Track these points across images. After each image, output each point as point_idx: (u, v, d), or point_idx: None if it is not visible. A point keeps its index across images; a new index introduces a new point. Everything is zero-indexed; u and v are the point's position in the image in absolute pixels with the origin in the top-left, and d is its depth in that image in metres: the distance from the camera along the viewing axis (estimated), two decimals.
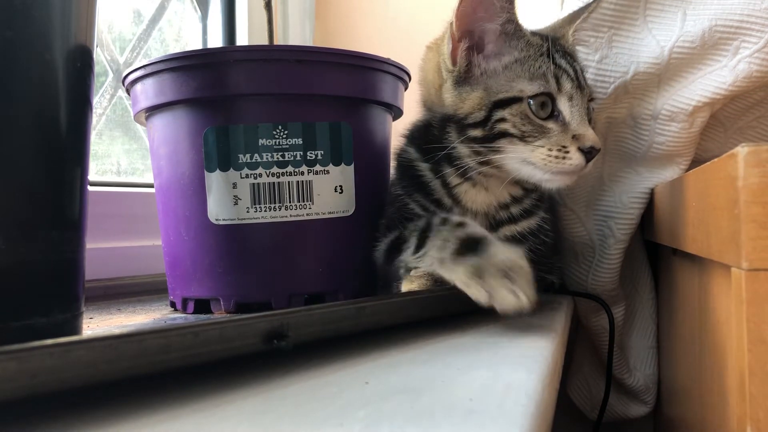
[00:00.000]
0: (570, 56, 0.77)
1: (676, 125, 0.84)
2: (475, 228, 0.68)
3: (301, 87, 0.75)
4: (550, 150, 0.71)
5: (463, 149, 0.75)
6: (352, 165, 0.78)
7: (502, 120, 0.73)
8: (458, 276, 0.61)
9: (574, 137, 0.71)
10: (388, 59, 0.82)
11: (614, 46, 0.84)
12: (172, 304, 0.83)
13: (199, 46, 1.45)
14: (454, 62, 0.75)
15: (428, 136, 0.79)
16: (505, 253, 0.61)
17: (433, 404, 0.40)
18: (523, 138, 0.72)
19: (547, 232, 0.80)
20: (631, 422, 1.06)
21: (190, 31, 1.45)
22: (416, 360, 0.52)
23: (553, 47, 0.75)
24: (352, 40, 0.78)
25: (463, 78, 0.75)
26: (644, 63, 0.83)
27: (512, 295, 0.57)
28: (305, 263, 0.77)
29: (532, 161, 0.72)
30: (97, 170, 1.20)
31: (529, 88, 0.73)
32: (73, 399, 0.40)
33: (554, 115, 0.73)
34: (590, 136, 0.72)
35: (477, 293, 0.59)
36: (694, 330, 0.72)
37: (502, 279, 0.58)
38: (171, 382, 0.44)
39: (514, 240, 0.77)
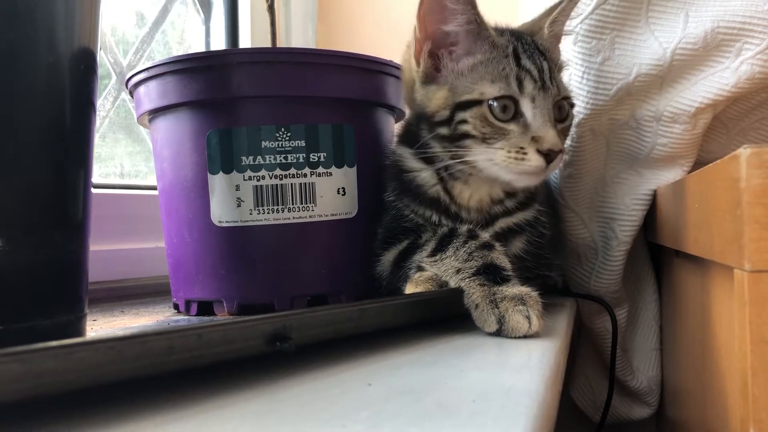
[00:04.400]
0: (542, 54, 0.75)
1: (679, 127, 0.83)
2: (501, 256, 0.68)
3: (304, 89, 0.76)
4: (509, 152, 0.71)
5: (436, 146, 0.76)
6: (355, 167, 0.78)
7: (464, 122, 0.73)
8: (471, 296, 0.62)
9: (533, 139, 0.71)
10: (391, 61, 0.83)
11: (616, 48, 0.84)
12: (175, 306, 0.83)
13: (202, 48, 1.45)
14: (417, 63, 0.76)
15: (410, 134, 0.80)
16: (521, 288, 0.62)
17: (436, 405, 0.40)
18: (484, 140, 0.73)
19: (544, 224, 0.80)
20: (634, 424, 1.06)
21: (193, 34, 1.45)
22: (419, 361, 0.52)
23: (523, 46, 0.74)
24: (355, 42, 0.78)
25: (431, 77, 0.76)
26: (647, 65, 0.83)
27: (526, 321, 0.59)
28: (308, 265, 0.77)
29: (496, 162, 0.72)
30: (100, 173, 1.20)
31: (490, 90, 0.73)
32: (76, 400, 0.40)
33: (517, 116, 0.72)
34: (549, 138, 0.70)
35: (484, 319, 0.61)
36: (696, 332, 0.72)
37: (517, 304, 0.60)
38: (174, 383, 0.44)
39: (512, 232, 0.77)
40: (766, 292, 0.44)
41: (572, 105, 0.78)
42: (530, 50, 0.75)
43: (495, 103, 0.72)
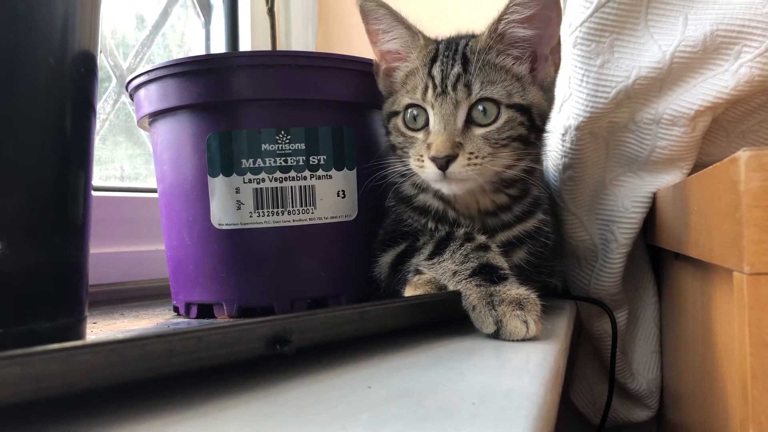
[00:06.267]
0: (462, 58, 0.72)
1: (678, 129, 0.84)
2: (497, 257, 0.68)
3: (304, 92, 0.76)
4: (414, 159, 0.72)
5: (392, 157, 0.77)
6: (355, 170, 0.78)
7: (389, 133, 0.77)
8: (468, 297, 0.62)
9: (428, 146, 0.70)
10: None
11: (616, 51, 0.84)
12: (175, 309, 0.83)
13: (202, 51, 1.46)
14: (377, 83, 0.80)
15: None
16: (519, 290, 0.62)
17: (436, 408, 0.40)
18: (402, 149, 0.75)
19: (547, 234, 0.80)
20: (634, 426, 1.06)
21: (193, 37, 1.45)
22: (419, 364, 0.52)
23: (446, 52, 0.74)
24: (354, 44, 0.78)
25: (390, 92, 0.79)
26: (646, 68, 0.83)
27: (523, 325, 0.59)
28: (308, 267, 0.77)
29: (413, 171, 0.73)
30: (100, 175, 1.20)
31: (403, 100, 0.75)
32: (77, 402, 0.40)
33: (427, 125, 0.73)
34: (435, 145, 0.69)
35: (482, 320, 0.60)
36: (696, 334, 0.72)
37: (515, 309, 0.59)
38: (175, 385, 0.44)
39: (512, 244, 0.76)
40: (765, 295, 0.44)
41: (517, 106, 0.72)
42: (450, 55, 0.73)
43: (406, 113, 0.74)
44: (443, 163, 0.68)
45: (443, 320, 0.65)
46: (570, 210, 0.92)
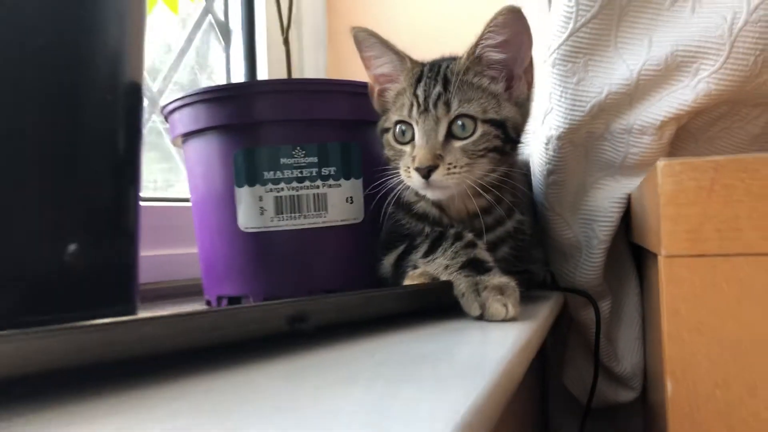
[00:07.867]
0: (443, 78, 0.82)
1: (648, 138, 0.94)
2: (483, 252, 0.78)
3: (316, 113, 0.87)
4: (403, 170, 0.82)
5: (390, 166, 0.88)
6: (361, 178, 0.89)
7: (383, 147, 0.87)
8: (458, 286, 0.72)
9: (413, 158, 0.80)
10: None
11: (590, 70, 0.95)
12: (208, 303, 0.95)
13: (223, 73, 1.58)
14: (373, 103, 0.90)
15: None
16: (501, 278, 0.72)
17: (424, 371, 0.49)
18: (394, 160, 0.85)
19: (524, 231, 0.91)
20: (623, 406, 1.15)
21: (214, 59, 1.58)
22: (416, 339, 0.61)
23: (429, 74, 0.83)
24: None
25: (384, 111, 0.89)
26: (616, 84, 0.93)
27: (503, 308, 0.69)
28: (321, 264, 0.88)
29: (402, 180, 0.83)
30: None
31: (393, 117, 0.85)
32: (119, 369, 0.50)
33: (413, 139, 0.82)
34: (418, 157, 0.78)
35: (469, 305, 0.70)
36: (656, 316, 0.81)
37: (496, 294, 0.70)
38: (213, 356, 0.53)
39: (495, 244, 0.87)
40: (676, 273, 0.55)
41: (492, 121, 0.81)
42: (432, 77, 0.83)
43: (395, 128, 0.84)
44: (426, 173, 0.78)
45: (437, 306, 0.74)
46: (555, 211, 1.02)
